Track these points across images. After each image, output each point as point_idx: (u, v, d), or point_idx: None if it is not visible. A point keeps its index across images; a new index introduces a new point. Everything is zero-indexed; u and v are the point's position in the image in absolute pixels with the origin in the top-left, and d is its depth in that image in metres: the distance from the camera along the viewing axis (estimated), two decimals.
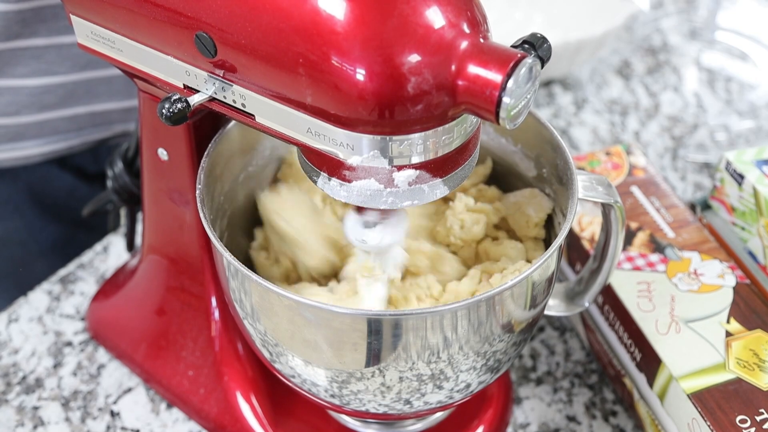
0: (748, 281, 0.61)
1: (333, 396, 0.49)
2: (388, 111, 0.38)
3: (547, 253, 0.45)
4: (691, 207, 0.72)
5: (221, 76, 0.43)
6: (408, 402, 0.48)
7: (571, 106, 0.93)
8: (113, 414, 0.63)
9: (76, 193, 0.83)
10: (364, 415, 0.52)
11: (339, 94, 0.39)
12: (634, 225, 0.65)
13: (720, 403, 0.53)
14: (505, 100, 0.38)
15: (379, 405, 0.48)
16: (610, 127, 0.90)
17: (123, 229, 0.76)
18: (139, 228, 0.71)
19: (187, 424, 0.63)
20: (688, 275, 0.61)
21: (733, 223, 0.68)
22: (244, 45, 0.41)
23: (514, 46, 0.41)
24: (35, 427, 0.62)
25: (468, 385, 0.49)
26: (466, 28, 0.39)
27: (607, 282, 0.55)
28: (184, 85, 0.46)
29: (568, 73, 0.95)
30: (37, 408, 0.63)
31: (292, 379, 0.50)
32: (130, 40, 0.47)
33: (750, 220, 0.66)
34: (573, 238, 0.66)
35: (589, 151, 0.87)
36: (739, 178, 0.66)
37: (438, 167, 0.42)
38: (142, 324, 0.65)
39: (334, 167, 0.42)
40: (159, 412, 0.64)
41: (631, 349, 0.59)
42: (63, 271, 0.74)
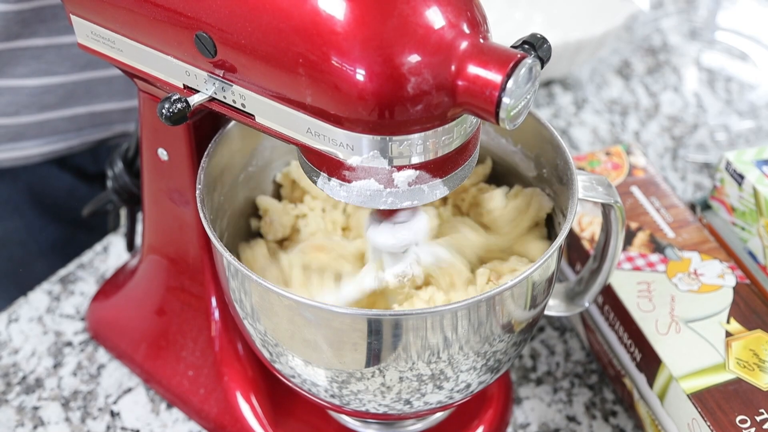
0: (748, 281, 0.61)
1: (333, 396, 0.49)
2: (388, 111, 0.38)
3: (547, 253, 0.45)
4: (691, 207, 0.72)
5: (221, 76, 0.43)
6: (408, 402, 0.48)
7: (571, 106, 0.92)
8: (113, 414, 0.63)
9: (76, 193, 0.83)
10: (364, 416, 0.52)
11: (339, 95, 0.39)
12: (634, 225, 0.65)
13: (720, 403, 0.53)
14: (505, 100, 0.38)
15: (379, 405, 0.48)
16: (610, 127, 0.90)
17: (123, 229, 0.76)
18: (139, 228, 0.71)
19: (187, 424, 0.63)
20: (688, 275, 0.61)
21: (733, 223, 0.68)
22: (244, 45, 0.41)
23: (514, 47, 0.41)
24: (35, 427, 0.62)
25: (468, 385, 0.49)
26: (466, 29, 0.39)
27: (607, 282, 0.55)
28: (184, 85, 0.46)
29: (568, 73, 0.95)
30: (37, 408, 0.63)
31: (292, 379, 0.50)
32: (130, 40, 0.47)
33: (750, 220, 0.66)
34: (573, 238, 0.66)
35: (589, 151, 0.87)
36: (739, 178, 0.66)
37: (438, 167, 0.42)
38: (142, 324, 0.65)
39: (334, 167, 0.42)
40: (159, 412, 0.64)
41: (631, 350, 0.59)
42: (63, 271, 0.74)
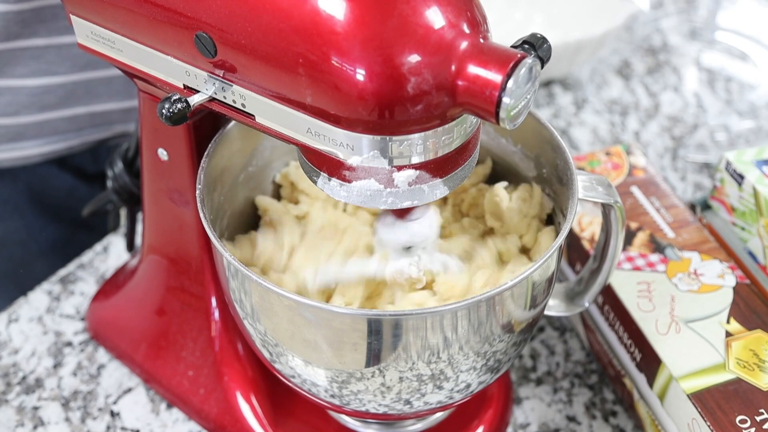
0: (748, 281, 0.61)
1: (333, 396, 0.49)
2: (388, 111, 0.38)
3: (547, 253, 0.45)
4: (691, 207, 0.72)
5: (221, 76, 0.43)
6: (408, 402, 0.48)
7: (571, 106, 0.92)
8: (113, 414, 0.63)
9: (75, 194, 0.83)
10: (364, 416, 0.52)
11: (339, 95, 0.39)
12: (634, 225, 0.65)
13: (720, 403, 0.53)
14: (505, 100, 0.38)
15: (379, 405, 0.48)
16: (610, 127, 0.90)
17: (123, 229, 0.76)
18: (139, 228, 0.71)
19: (187, 425, 0.63)
20: (688, 275, 0.61)
21: (733, 223, 0.68)
22: (244, 45, 0.41)
23: (514, 47, 0.41)
24: (35, 427, 0.62)
25: (468, 385, 0.49)
26: (466, 29, 0.39)
27: (607, 282, 0.55)
28: (184, 85, 0.46)
29: (568, 73, 0.95)
30: (37, 408, 0.63)
31: (292, 379, 0.50)
32: (130, 40, 0.47)
33: (750, 220, 0.66)
34: (573, 238, 0.66)
35: (589, 151, 0.87)
36: (739, 178, 0.66)
37: (438, 167, 0.42)
38: (142, 324, 0.65)
39: (334, 167, 0.42)
40: (159, 413, 0.64)
41: (631, 350, 0.59)
42: (63, 271, 0.74)
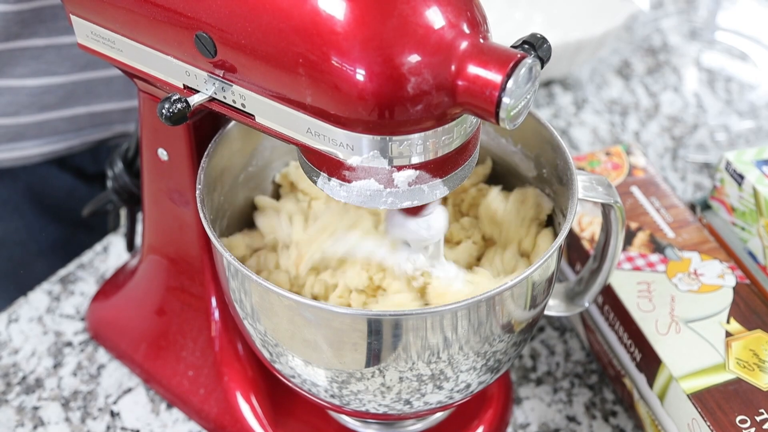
0: (748, 281, 0.61)
1: (333, 396, 0.49)
2: (388, 111, 0.38)
3: (547, 253, 0.45)
4: (691, 207, 0.72)
5: (221, 76, 0.43)
6: (408, 402, 0.48)
7: (571, 106, 0.92)
8: (113, 414, 0.63)
9: (75, 194, 0.83)
10: (364, 416, 0.52)
11: (339, 95, 0.39)
12: (634, 225, 0.65)
13: (720, 403, 0.53)
14: (505, 100, 0.38)
15: (379, 405, 0.48)
16: (610, 127, 0.90)
17: (123, 229, 0.76)
18: (139, 228, 0.71)
19: (187, 425, 0.63)
20: (688, 275, 0.61)
21: (733, 223, 0.68)
22: (244, 45, 0.41)
23: (513, 47, 0.41)
24: (35, 427, 0.62)
25: (468, 385, 0.49)
26: (465, 29, 0.39)
27: (607, 282, 0.55)
28: (184, 85, 0.46)
29: (568, 73, 0.95)
30: (37, 408, 0.63)
31: (292, 379, 0.50)
32: (130, 40, 0.47)
33: (750, 220, 0.66)
34: (573, 238, 0.66)
35: (589, 151, 0.87)
36: (739, 179, 0.66)
37: (438, 167, 0.42)
38: (142, 324, 0.65)
39: (334, 167, 0.42)
40: (159, 413, 0.64)
41: (631, 350, 0.59)
42: (63, 271, 0.74)
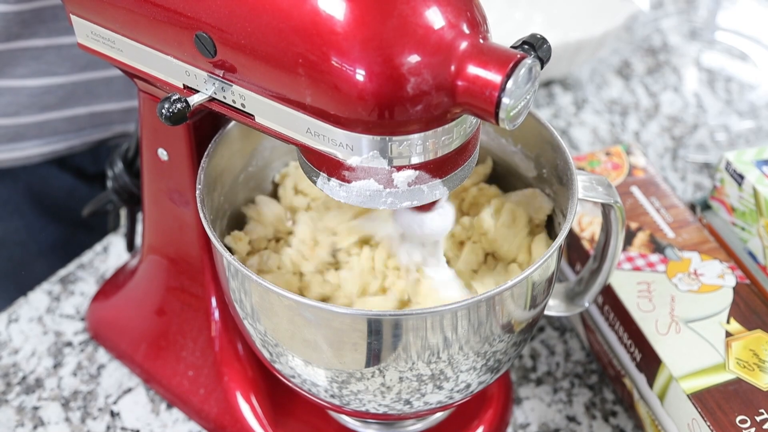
0: (748, 281, 0.61)
1: (333, 396, 0.49)
2: (388, 111, 0.38)
3: (547, 253, 0.45)
4: (691, 207, 0.72)
5: (221, 76, 0.43)
6: (408, 402, 0.48)
7: (571, 107, 0.92)
8: (113, 414, 0.63)
9: (75, 194, 0.83)
10: (364, 416, 0.52)
11: (338, 95, 0.39)
12: (634, 225, 0.65)
13: (720, 403, 0.53)
14: (505, 100, 0.38)
15: (379, 405, 0.48)
16: (610, 127, 0.90)
17: (123, 229, 0.76)
18: (139, 228, 0.71)
19: (187, 425, 0.63)
20: (688, 275, 0.61)
21: (733, 224, 0.68)
22: (244, 45, 0.41)
23: (513, 47, 0.41)
24: (35, 427, 0.62)
25: (468, 385, 0.49)
26: (465, 29, 0.39)
27: (607, 282, 0.55)
28: (184, 85, 0.46)
29: (568, 73, 0.95)
30: (37, 408, 0.63)
31: (292, 379, 0.50)
32: (130, 40, 0.47)
33: (750, 220, 0.66)
34: (573, 238, 0.66)
35: (589, 151, 0.87)
36: (739, 179, 0.66)
37: (437, 168, 0.42)
38: (142, 324, 0.65)
39: (334, 167, 0.42)
40: (159, 413, 0.64)
41: (631, 350, 0.59)
42: (63, 272, 0.74)
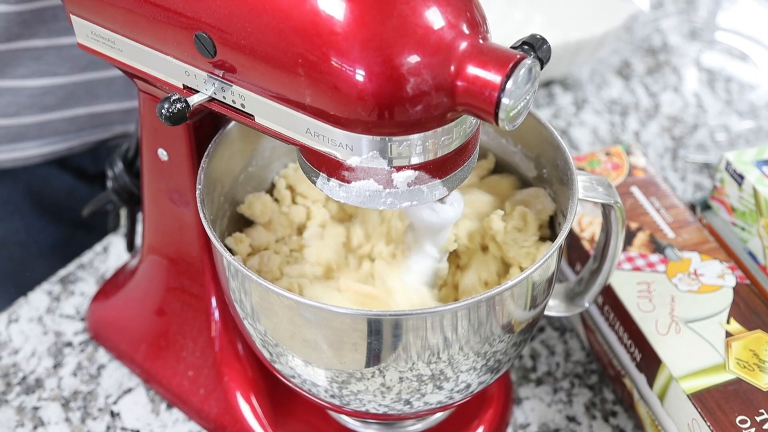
0: (748, 281, 0.61)
1: (333, 396, 0.49)
2: (388, 112, 0.39)
3: (547, 253, 0.45)
4: (691, 207, 0.72)
5: (221, 76, 0.43)
6: (408, 402, 0.48)
7: (571, 107, 0.92)
8: (113, 414, 0.63)
9: (75, 194, 0.83)
10: (364, 416, 0.52)
11: (338, 95, 0.39)
12: (634, 225, 0.65)
13: (720, 403, 0.53)
14: (504, 101, 0.38)
15: (379, 405, 0.48)
16: (610, 128, 0.90)
17: (123, 229, 0.76)
18: (139, 228, 0.71)
19: (187, 425, 0.63)
20: (688, 275, 0.61)
21: (733, 224, 0.68)
22: (244, 45, 0.41)
23: (513, 47, 0.41)
24: (35, 427, 0.62)
25: (468, 385, 0.49)
26: (465, 29, 0.39)
27: (607, 282, 0.55)
28: (184, 85, 0.46)
29: (568, 73, 0.95)
30: (37, 408, 0.63)
31: (292, 379, 0.50)
32: (130, 40, 0.47)
33: (750, 220, 0.66)
34: (573, 239, 0.66)
35: (589, 151, 0.87)
36: (739, 179, 0.66)
37: (437, 168, 0.42)
38: (142, 324, 0.65)
39: (333, 168, 0.42)
40: (159, 413, 0.64)
41: (631, 350, 0.59)
42: (63, 272, 0.74)
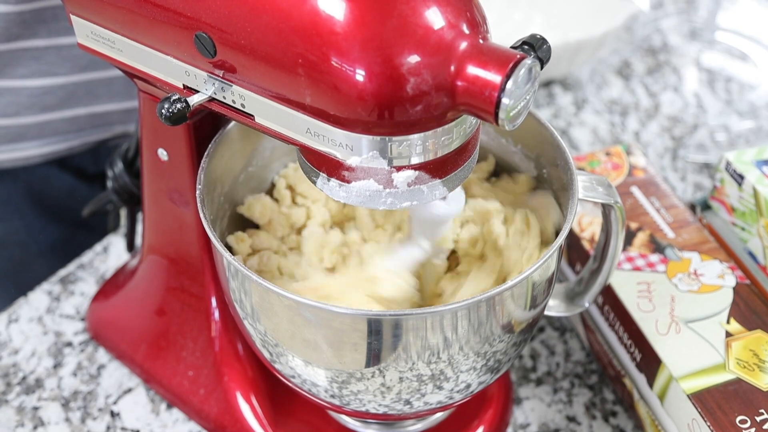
0: (748, 281, 0.61)
1: (333, 396, 0.49)
2: (388, 112, 0.39)
3: (547, 253, 0.45)
4: (691, 207, 0.72)
5: (221, 76, 0.43)
6: (408, 402, 0.48)
7: (571, 107, 0.92)
8: (113, 414, 0.63)
9: (76, 194, 0.83)
10: (364, 416, 0.52)
11: (338, 95, 0.39)
12: (634, 225, 0.65)
13: (720, 403, 0.53)
14: (504, 101, 0.38)
15: (379, 405, 0.48)
16: (610, 128, 0.90)
17: (123, 229, 0.76)
18: (139, 228, 0.71)
19: (187, 425, 0.63)
20: (688, 275, 0.61)
21: (733, 224, 0.68)
22: (244, 45, 0.41)
23: (513, 47, 0.41)
24: (35, 427, 0.62)
25: (468, 385, 0.49)
26: (465, 29, 0.39)
27: (607, 282, 0.55)
28: (184, 85, 0.46)
29: (568, 73, 0.95)
30: (37, 408, 0.63)
31: (292, 379, 0.50)
32: (130, 40, 0.47)
33: (750, 220, 0.66)
34: (573, 239, 0.66)
35: (589, 151, 0.87)
36: (739, 179, 0.66)
37: (437, 168, 0.42)
38: (142, 324, 0.65)
39: (334, 168, 0.42)
40: (159, 413, 0.64)
41: (631, 350, 0.59)
42: (63, 272, 0.74)
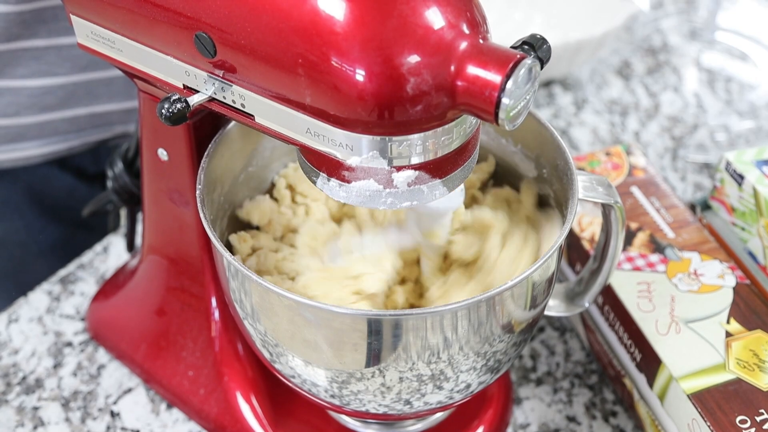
0: (748, 281, 0.61)
1: (333, 396, 0.49)
2: (388, 112, 0.39)
3: (547, 253, 0.45)
4: (691, 207, 0.72)
5: (221, 76, 0.43)
6: (408, 402, 0.48)
7: (571, 107, 0.92)
8: (113, 414, 0.63)
9: (76, 194, 0.83)
10: (364, 416, 0.52)
11: (338, 95, 0.39)
12: (634, 225, 0.65)
13: (720, 403, 0.53)
14: (504, 101, 0.38)
15: (379, 405, 0.48)
16: (610, 128, 0.90)
17: (123, 229, 0.76)
18: (139, 228, 0.71)
19: (187, 425, 0.63)
20: (688, 275, 0.61)
21: (733, 224, 0.68)
22: (244, 45, 0.41)
23: (513, 47, 0.41)
24: (35, 427, 0.62)
25: (468, 385, 0.49)
26: (465, 29, 0.39)
27: (607, 282, 0.55)
28: (184, 85, 0.46)
29: (568, 73, 0.95)
30: (37, 408, 0.63)
31: (292, 379, 0.50)
32: (130, 40, 0.47)
33: (750, 220, 0.66)
34: (573, 238, 0.66)
35: (589, 151, 0.87)
36: (739, 179, 0.66)
37: (437, 168, 0.42)
38: (142, 324, 0.65)
39: (334, 168, 0.42)
40: (159, 413, 0.64)
41: (631, 350, 0.59)
42: (63, 272, 0.74)
